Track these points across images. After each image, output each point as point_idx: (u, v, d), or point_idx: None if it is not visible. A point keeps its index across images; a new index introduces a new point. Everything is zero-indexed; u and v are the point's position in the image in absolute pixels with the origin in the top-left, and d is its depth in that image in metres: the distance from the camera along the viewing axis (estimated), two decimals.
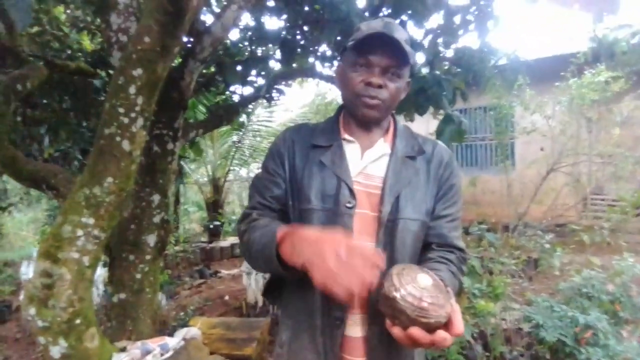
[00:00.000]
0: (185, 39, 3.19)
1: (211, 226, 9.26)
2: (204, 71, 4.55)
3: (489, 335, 3.09)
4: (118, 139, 2.60)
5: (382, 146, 1.31)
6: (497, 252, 3.61)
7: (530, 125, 6.04)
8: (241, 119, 8.49)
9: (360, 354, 1.21)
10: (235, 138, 9.70)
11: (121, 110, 2.57)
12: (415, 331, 0.94)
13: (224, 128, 9.75)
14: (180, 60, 3.34)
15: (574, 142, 5.96)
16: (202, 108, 5.51)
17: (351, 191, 1.23)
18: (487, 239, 3.52)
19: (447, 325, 0.96)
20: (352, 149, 1.30)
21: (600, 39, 6.07)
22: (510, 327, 3.35)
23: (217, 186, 9.64)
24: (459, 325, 0.97)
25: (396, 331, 0.97)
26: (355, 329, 1.21)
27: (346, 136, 1.32)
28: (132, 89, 2.55)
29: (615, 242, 4.40)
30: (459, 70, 4.35)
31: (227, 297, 5.62)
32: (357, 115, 1.28)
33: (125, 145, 2.59)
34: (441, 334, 0.94)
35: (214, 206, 9.53)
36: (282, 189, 1.30)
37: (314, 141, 1.31)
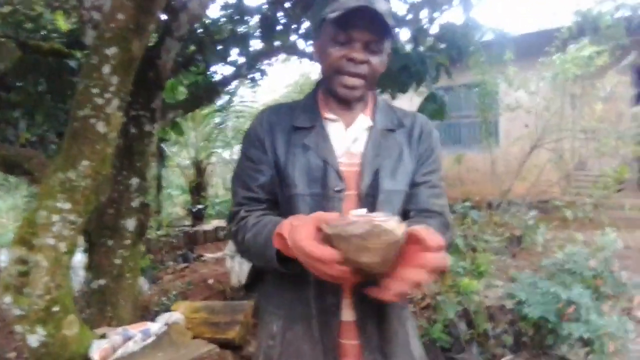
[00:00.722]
0: (161, 17, 3.09)
1: (194, 209, 9.18)
2: (184, 51, 4.44)
3: (472, 312, 3.10)
4: (93, 120, 2.52)
5: (363, 121, 1.27)
6: (481, 230, 3.61)
7: (515, 102, 6.03)
8: (223, 101, 8.37)
9: (354, 337, 1.19)
10: (217, 120, 9.56)
11: (95, 90, 2.48)
12: (396, 284, 0.91)
13: (206, 110, 9.60)
14: (156, 38, 3.23)
15: (557, 118, 5.98)
16: (182, 89, 5.40)
17: (338, 174, 1.19)
18: (471, 217, 3.52)
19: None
20: (335, 128, 1.25)
21: (585, 13, 6.04)
22: (494, 304, 3.37)
23: (200, 169, 9.53)
24: (432, 236, 0.91)
25: (381, 293, 0.94)
26: (347, 312, 1.19)
27: (327, 115, 1.26)
28: (106, 69, 2.46)
29: (597, 217, 4.43)
30: (443, 46, 4.29)
31: (210, 281, 5.58)
32: (336, 93, 1.23)
33: (101, 127, 2.51)
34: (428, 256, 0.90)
35: (197, 189, 9.43)
36: (268, 175, 1.24)
37: (295, 122, 1.26)
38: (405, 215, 1.23)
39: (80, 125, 2.52)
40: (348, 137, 1.24)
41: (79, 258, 4.21)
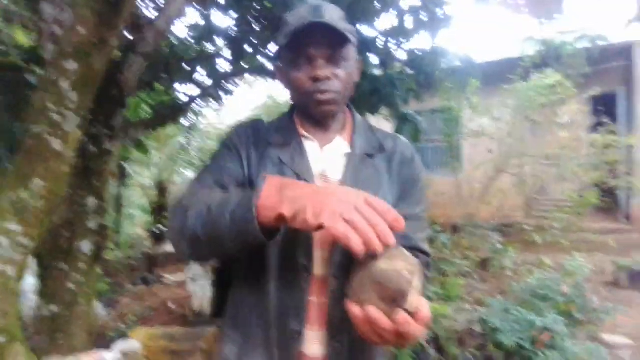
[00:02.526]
0: (126, 33, 2.98)
1: (156, 231, 8.91)
2: (150, 69, 4.32)
3: (442, 338, 3.05)
4: (48, 137, 2.38)
5: (339, 145, 1.20)
6: (450, 253, 3.59)
7: (479, 128, 6.13)
8: (191, 121, 8.22)
9: None
10: (182, 140, 9.39)
11: (52, 106, 2.35)
12: (375, 311, 0.81)
13: (171, 129, 9.43)
14: (120, 54, 3.12)
15: (519, 144, 6.09)
16: (145, 107, 5.26)
17: None
18: (441, 240, 3.49)
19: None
20: (311, 147, 1.18)
21: (548, 42, 6.23)
22: (463, 328, 3.33)
23: (162, 189, 9.28)
24: (425, 310, 0.84)
25: (355, 310, 0.84)
26: (314, 347, 1.07)
27: (304, 133, 1.19)
28: (65, 84, 2.34)
29: (561, 241, 4.49)
30: (410, 72, 4.32)
31: (171, 305, 5.37)
32: (313, 115, 1.16)
33: (57, 144, 2.37)
34: (404, 314, 0.80)
35: (159, 210, 9.16)
36: (240, 178, 1.14)
37: (271, 139, 1.18)
38: None
39: (34, 142, 2.38)
40: (323, 158, 1.17)
41: (30, 281, 3.97)
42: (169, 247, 8.40)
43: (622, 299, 5.06)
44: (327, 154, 1.18)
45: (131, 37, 3.00)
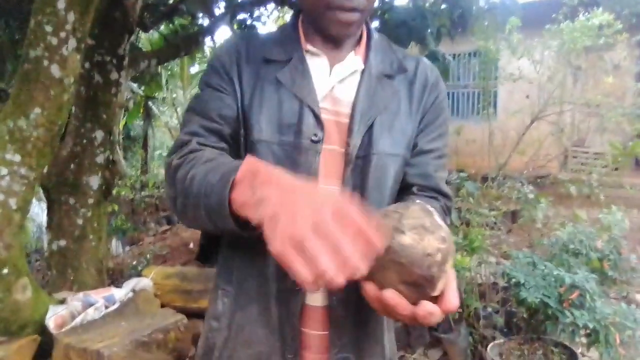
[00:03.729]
0: None
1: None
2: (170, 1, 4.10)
3: (463, 290, 2.90)
4: (46, 62, 2.24)
5: (352, 61, 0.99)
6: (476, 203, 3.38)
7: (517, 71, 5.73)
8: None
9: (322, 327, 0.94)
10: None
11: (48, 28, 2.20)
12: (393, 296, 0.65)
13: (196, 69, 9.25)
14: None
15: (560, 90, 5.69)
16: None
17: (317, 119, 0.91)
18: (467, 188, 3.28)
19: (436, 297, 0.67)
20: (317, 65, 0.97)
21: None
22: (485, 282, 3.17)
23: None
24: (453, 298, 0.68)
25: (370, 290, 0.69)
26: (315, 296, 0.93)
27: (310, 47, 0.98)
28: (60, 3, 2.17)
29: (596, 196, 4.22)
30: (444, 6, 3.99)
31: (191, 245, 5.37)
32: (326, 31, 0.95)
33: (55, 70, 2.23)
34: (427, 307, 0.65)
35: None
36: (233, 109, 0.95)
37: (267, 54, 0.97)
38: (403, 188, 1.00)
39: (32, 67, 2.25)
40: (333, 78, 0.97)
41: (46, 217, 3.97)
42: None
43: None
44: (337, 72, 0.97)
45: None
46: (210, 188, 0.76)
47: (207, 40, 4.02)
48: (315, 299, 0.94)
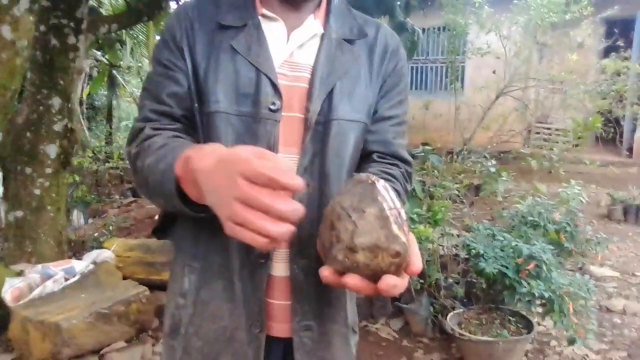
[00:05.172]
0: None
1: None
2: None
3: (425, 262, 2.95)
4: None
5: (312, 25, 0.96)
6: (441, 176, 3.42)
7: (485, 46, 5.76)
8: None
9: (285, 297, 0.94)
10: None
11: None
12: (353, 280, 0.65)
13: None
14: None
15: (526, 66, 5.76)
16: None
17: (275, 87, 0.89)
18: (431, 162, 3.31)
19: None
20: (274, 30, 0.94)
21: None
22: (447, 253, 3.23)
23: None
24: (417, 261, 0.68)
25: (327, 274, 0.68)
26: (279, 266, 0.93)
27: (265, 11, 0.94)
28: None
29: (556, 171, 4.32)
30: None
31: (157, 217, 5.28)
32: None
33: (6, 32, 2.12)
34: (389, 280, 0.64)
35: None
36: (184, 86, 0.92)
37: (221, 19, 0.93)
38: (363, 155, 1.00)
39: None
40: (292, 43, 0.94)
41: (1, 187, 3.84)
42: None
43: (613, 232, 5.00)
44: (296, 38, 0.94)
45: None
46: (160, 180, 0.79)
47: (173, 5, 3.86)
48: (279, 269, 0.93)
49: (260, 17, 0.94)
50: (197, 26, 0.93)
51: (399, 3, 3.70)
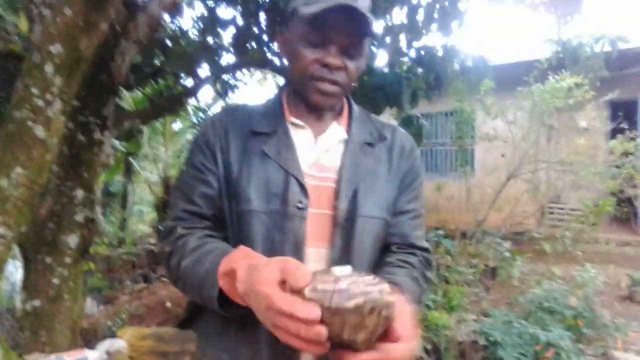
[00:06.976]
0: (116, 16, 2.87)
1: (160, 227, 8.81)
2: (151, 60, 4.21)
3: (442, 349, 2.88)
4: (30, 124, 2.27)
5: (336, 131, 1.08)
6: (455, 260, 3.42)
7: (492, 131, 5.93)
8: (197, 117, 8.15)
9: None
10: (189, 137, 9.31)
11: (35, 91, 2.25)
12: (369, 357, 0.72)
13: (179, 126, 9.36)
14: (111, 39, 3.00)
15: (534, 149, 5.88)
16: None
17: (302, 187, 0.99)
18: (444, 246, 3.33)
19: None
20: (302, 136, 1.06)
21: (565, 43, 6.00)
22: (466, 339, 3.16)
23: (168, 186, 9.19)
24: (403, 328, 0.73)
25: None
26: (307, 357, 0.98)
27: (294, 120, 1.06)
28: (49, 68, 2.23)
29: (572, 251, 4.29)
30: (420, 70, 4.17)
31: (168, 304, 5.26)
32: (310, 101, 1.04)
33: (39, 131, 2.27)
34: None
35: (164, 206, 9.07)
36: (214, 188, 1.02)
37: (254, 127, 1.05)
38: (383, 247, 1.09)
39: (16, 128, 2.27)
40: (319, 147, 1.06)
41: (19, 276, 3.89)
42: None
43: (637, 314, 4.84)
44: (322, 143, 1.06)
45: (123, 22, 2.89)
46: (199, 284, 0.90)
47: (192, 101, 4.12)
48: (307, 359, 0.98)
49: (289, 125, 1.05)
50: (232, 132, 1.05)
51: (405, 93, 3.86)
